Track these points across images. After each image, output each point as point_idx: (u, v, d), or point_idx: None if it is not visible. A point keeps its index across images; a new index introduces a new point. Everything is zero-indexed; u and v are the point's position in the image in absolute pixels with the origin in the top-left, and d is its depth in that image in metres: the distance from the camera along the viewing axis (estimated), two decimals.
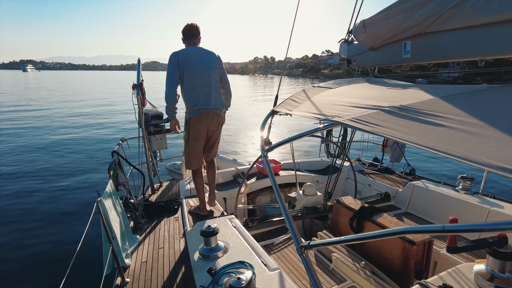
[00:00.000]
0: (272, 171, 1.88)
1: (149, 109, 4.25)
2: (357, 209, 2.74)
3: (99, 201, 1.97)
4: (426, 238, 2.26)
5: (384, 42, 2.61)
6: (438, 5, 1.95)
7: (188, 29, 2.92)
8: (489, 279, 1.55)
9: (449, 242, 1.32)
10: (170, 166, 4.96)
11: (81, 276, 3.45)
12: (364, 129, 1.29)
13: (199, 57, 2.82)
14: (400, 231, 1.10)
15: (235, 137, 12.77)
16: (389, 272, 2.32)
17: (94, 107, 22.57)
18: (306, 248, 1.45)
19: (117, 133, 12.89)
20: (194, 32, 2.92)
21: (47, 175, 7.71)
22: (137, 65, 3.67)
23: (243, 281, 1.67)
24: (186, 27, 2.93)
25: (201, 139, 2.93)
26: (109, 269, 2.05)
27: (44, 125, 14.71)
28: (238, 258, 2.05)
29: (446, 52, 2.12)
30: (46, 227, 5.19)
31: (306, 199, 3.63)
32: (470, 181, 3.47)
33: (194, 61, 2.79)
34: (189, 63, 2.76)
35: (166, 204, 3.42)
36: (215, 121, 2.91)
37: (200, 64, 2.80)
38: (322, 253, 2.71)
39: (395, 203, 3.92)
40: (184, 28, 2.95)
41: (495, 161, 0.85)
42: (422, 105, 1.34)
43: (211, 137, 3.02)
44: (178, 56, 2.76)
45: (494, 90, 1.41)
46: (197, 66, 2.78)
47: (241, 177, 4.40)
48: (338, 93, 2.09)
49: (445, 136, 1.05)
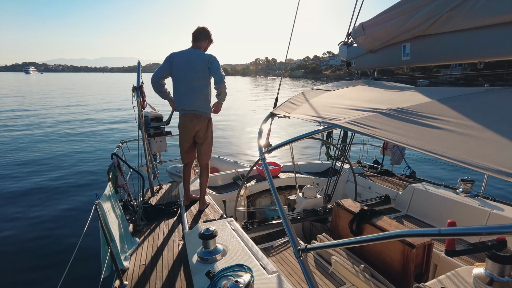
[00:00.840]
0: (270, 173, 1.88)
1: (149, 112, 4.26)
2: (357, 212, 2.73)
3: (97, 203, 1.97)
4: (426, 241, 2.25)
5: (384, 45, 2.60)
6: (436, 7, 1.94)
7: (194, 32, 3.13)
8: (488, 283, 1.54)
9: (447, 246, 1.31)
10: (171, 169, 4.96)
11: (79, 278, 3.45)
12: (361, 131, 1.28)
13: (187, 60, 2.99)
14: (397, 235, 1.09)
15: (236, 139, 12.78)
16: (388, 275, 2.31)
17: (94, 109, 22.65)
18: (304, 251, 1.44)
19: (117, 135, 12.91)
20: (196, 35, 3.10)
21: (45, 176, 7.73)
22: (137, 67, 3.68)
23: (241, 284, 1.67)
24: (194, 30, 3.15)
25: (186, 138, 3.20)
26: (107, 271, 2.04)
27: (43, 125, 14.76)
28: (237, 261, 2.04)
29: (445, 54, 2.11)
30: (43, 229, 5.19)
31: (306, 202, 3.61)
32: (471, 183, 3.45)
33: (181, 64, 2.99)
34: (176, 65, 3.01)
35: (166, 207, 3.42)
36: (194, 122, 3.10)
37: (184, 67, 2.99)
38: (322, 256, 2.69)
39: (395, 205, 3.90)
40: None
41: (492, 164, 0.84)
42: (420, 108, 1.33)
43: (198, 138, 3.22)
44: (172, 55, 3.05)
45: (492, 93, 1.40)
46: (181, 68, 2.99)
47: (240, 179, 4.40)
48: (336, 96, 2.09)
49: (442, 139, 1.04)
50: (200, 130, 3.17)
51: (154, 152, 4.31)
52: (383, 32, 2.46)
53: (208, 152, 3.32)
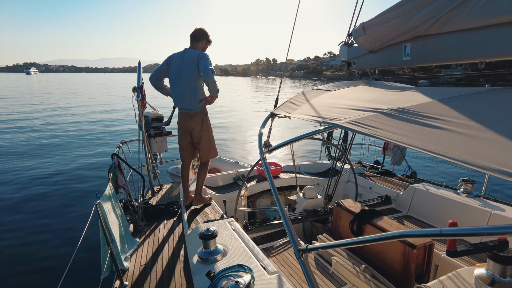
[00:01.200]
0: (270, 174, 1.87)
1: (149, 112, 4.26)
2: (358, 212, 2.73)
3: (98, 203, 1.97)
4: (427, 241, 2.24)
5: (384, 45, 2.60)
6: (437, 7, 1.94)
7: (191, 33, 3.19)
8: (490, 284, 1.53)
9: (448, 246, 1.31)
10: (171, 169, 4.96)
11: (78, 279, 3.45)
12: (362, 131, 1.28)
13: (180, 60, 3.07)
14: (397, 235, 1.09)
15: (236, 140, 12.78)
16: (389, 276, 2.31)
17: (94, 109, 22.68)
18: (304, 251, 1.44)
19: (117, 136, 12.92)
20: (193, 36, 3.16)
21: (45, 176, 7.74)
22: (138, 68, 3.68)
23: (242, 284, 1.66)
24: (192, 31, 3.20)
25: (182, 136, 3.30)
26: (108, 271, 2.04)
27: (44, 126, 14.78)
28: (237, 261, 2.04)
29: (446, 54, 2.11)
30: (43, 229, 5.20)
31: (306, 202, 3.61)
32: (472, 184, 3.44)
33: (175, 65, 3.09)
34: (172, 66, 3.11)
35: (166, 207, 3.42)
36: (187, 120, 3.19)
37: (177, 68, 3.08)
38: (322, 256, 2.69)
39: (396, 206, 3.89)
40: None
41: (493, 164, 0.84)
42: (420, 108, 1.33)
43: (194, 136, 3.29)
44: (170, 57, 3.16)
45: (492, 93, 1.39)
46: (174, 69, 3.10)
47: (241, 179, 4.39)
48: (337, 96, 2.08)
49: (443, 139, 1.04)
50: (195, 129, 3.21)
51: (154, 152, 4.30)
52: (384, 32, 2.45)
53: (207, 151, 3.32)
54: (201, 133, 3.23)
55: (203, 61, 3.01)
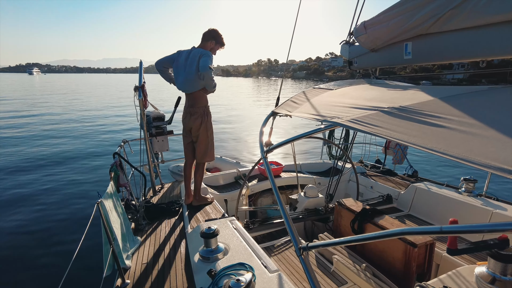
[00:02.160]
0: (271, 173, 1.88)
1: (151, 111, 4.27)
2: (359, 211, 2.73)
3: (99, 202, 1.97)
4: (428, 240, 2.24)
5: (385, 44, 2.60)
6: (438, 6, 1.94)
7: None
8: (491, 282, 1.53)
9: (449, 244, 1.31)
10: (173, 168, 4.96)
11: (80, 277, 3.46)
12: (363, 130, 1.28)
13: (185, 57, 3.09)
14: (398, 232, 1.09)
15: (238, 139, 12.79)
16: (390, 275, 2.30)
17: (96, 108, 22.73)
18: (305, 249, 1.44)
19: (118, 135, 12.95)
20: (203, 34, 3.19)
21: (46, 175, 7.76)
22: (139, 68, 3.70)
23: (243, 283, 1.66)
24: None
25: (184, 133, 3.36)
26: (109, 270, 2.05)
27: (44, 126, 14.83)
28: (238, 259, 2.04)
29: (447, 53, 2.11)
30: (45, 227, 5.21)
31: (307, 201, 3.61)
32: (473, 183, 3.44)
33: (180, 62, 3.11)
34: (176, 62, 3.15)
35: (167, 206, 3.42)
36: (187, 118, 3.22)
37: (181, 65, 3.11)
38: (323, 255, 2.69)
39: (397, 205, 3.89)
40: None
41: (494, 162, 0.84)
42: (421, 106, 1.33)
43: (193, 136, 3.30)
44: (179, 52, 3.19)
45: (493, 91, 1.39)
46: (178, 65, 3.13)
47: (242, 179, 4.40)
48: (338, 95, 2.09)
49: (444, 137, 1.04)
50: (194, 127, 3.21)
51: (156, 151, 4.32)
52: (385, 31, 2.45)
53: (203, 152, 3.28)
54: (198, 132, 3.20)
55: (204, 58, 3.01)
